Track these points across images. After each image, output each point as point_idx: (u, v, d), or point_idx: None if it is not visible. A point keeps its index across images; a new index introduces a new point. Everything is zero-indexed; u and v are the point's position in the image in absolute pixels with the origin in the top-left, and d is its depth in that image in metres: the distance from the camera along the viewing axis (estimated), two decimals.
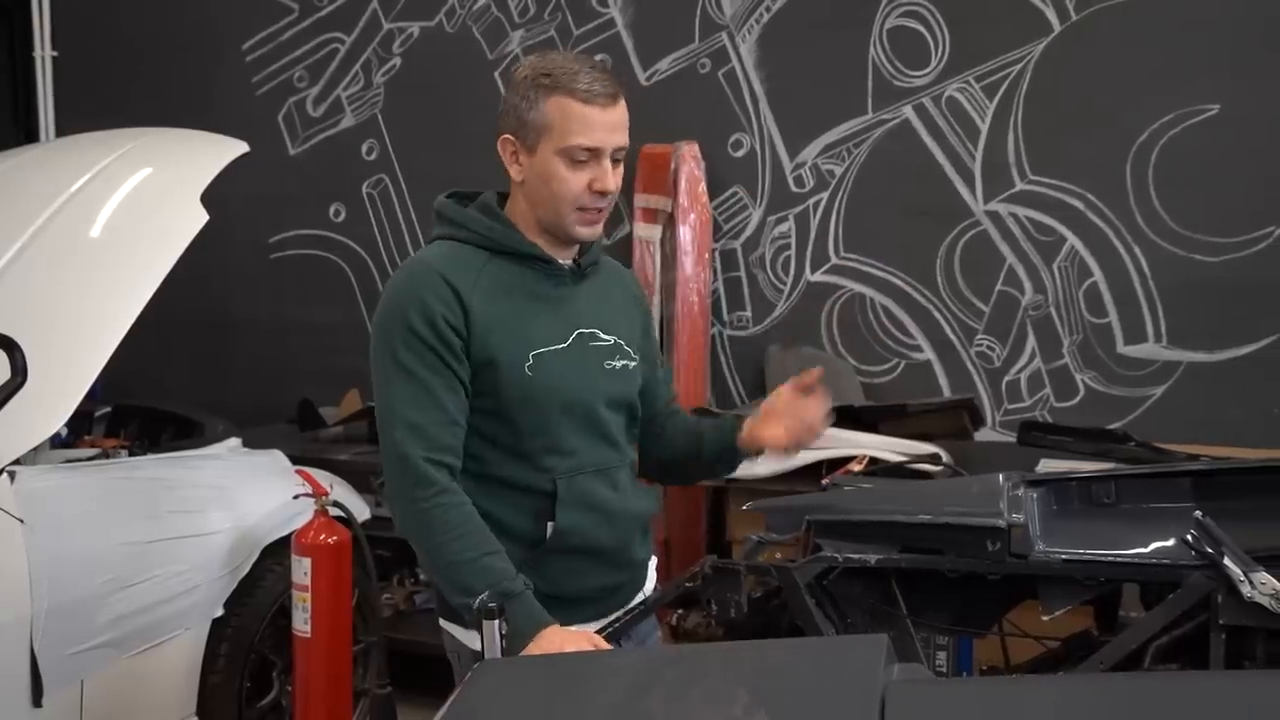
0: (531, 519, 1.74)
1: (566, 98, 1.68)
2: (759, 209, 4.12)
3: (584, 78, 1.69)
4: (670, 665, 1.24)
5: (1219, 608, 1.64)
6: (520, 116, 1.72)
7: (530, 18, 4.41)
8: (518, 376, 1.70)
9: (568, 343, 1.75)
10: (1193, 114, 3.56)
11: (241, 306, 4.92)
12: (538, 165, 1.72)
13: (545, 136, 1.70)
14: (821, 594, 1.96)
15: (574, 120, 1.68)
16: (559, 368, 1.73)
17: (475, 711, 1.26)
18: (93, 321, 2.71)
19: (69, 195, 2.92)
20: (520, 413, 1.72)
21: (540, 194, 1.73)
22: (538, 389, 1.71)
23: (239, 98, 4.88)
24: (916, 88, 3.88)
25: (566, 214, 1.73)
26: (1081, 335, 3.75)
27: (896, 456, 3.27)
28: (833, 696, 1.08)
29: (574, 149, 1.69)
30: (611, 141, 1.71)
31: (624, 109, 1.74)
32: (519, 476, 1.74)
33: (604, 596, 1.84)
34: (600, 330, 1.80)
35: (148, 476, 2.81)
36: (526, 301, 1.74)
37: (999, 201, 3.82)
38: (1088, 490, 1.99)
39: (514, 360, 1.70)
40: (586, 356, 1.78)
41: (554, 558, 1.75)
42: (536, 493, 1.74)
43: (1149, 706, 1.04)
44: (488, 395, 1.71)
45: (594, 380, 1.78)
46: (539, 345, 1.72)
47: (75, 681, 2.50)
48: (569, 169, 1.70)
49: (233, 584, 2.88)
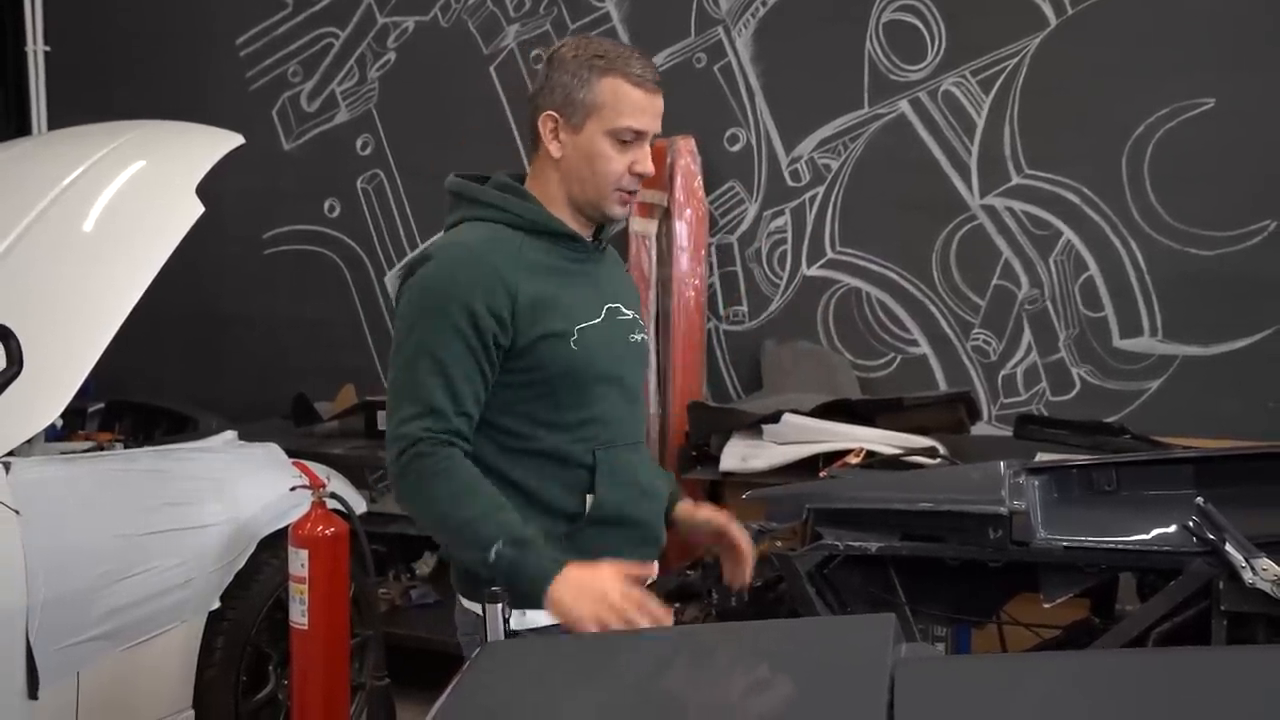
0: (571, 492, 1.76)
1: (621, 79, 1.73)
2: (755, 203, 4.12)
3: (637, 63, 1.74)
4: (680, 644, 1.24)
5: (1220, 594, 1.64)
6: (569, 95, 1.74)
7: (525, 12, 4.40)
8: (563, 350, 1.73)
9: (601, 317, 1.80)
10: (1188, 108, 3.57)
11: (235, 303, 4.90)
12: (582, 143, 1.75)
13: (594, 115, 1.74)
14: (822, 583, 1.96)
15: (625, 102, 1.73)
16: (598, 342, 1.77)
17: (481, 692, 1.26)
18: (89, 313, 2.70)
19: (65, 186, 2.90)
20: (562, 386, 1.75)
21: (581, 172, 1.76)
22: (581, 362, 1.75)
23: (233, 93, 4.86)
24: (912, 82, 3.89)
25: (606, 193, 1.77)
26: (1078, 329, 3.75)
27: (893, 450, 3.27)
28: (842, 674, 1.07)
29: (623, 130, 1.73)
30: (654, 127, 1.77)
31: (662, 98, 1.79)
32: (559, 449, 1.76)
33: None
34: (623, 305, 1.86)
35: (143, 469, 2.80)
36: (564, 278, 1.78)
37: (995, 195, 3.82)
38: (1089, 478, 1.99)
39: (562, 335, 1.74)
40: (616, 330, 1.82)
41: (592, 530, 1.76)
42: (576, 465, 1.76)
43: (1158, 681, 1.04)
44: (535, 370, 1.73)
45: (624, 353, 1.84)
46: (581, 320, 1.76)
47: (71, 674, 2.49)
48: (614, 149, 1.74)
49: (229, 576, 2.87)
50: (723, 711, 1.06)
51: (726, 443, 3.51)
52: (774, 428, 3.42)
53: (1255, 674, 1.04)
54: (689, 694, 1.12)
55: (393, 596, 3.87)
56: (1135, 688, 1.03)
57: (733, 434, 3.53)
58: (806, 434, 3.38)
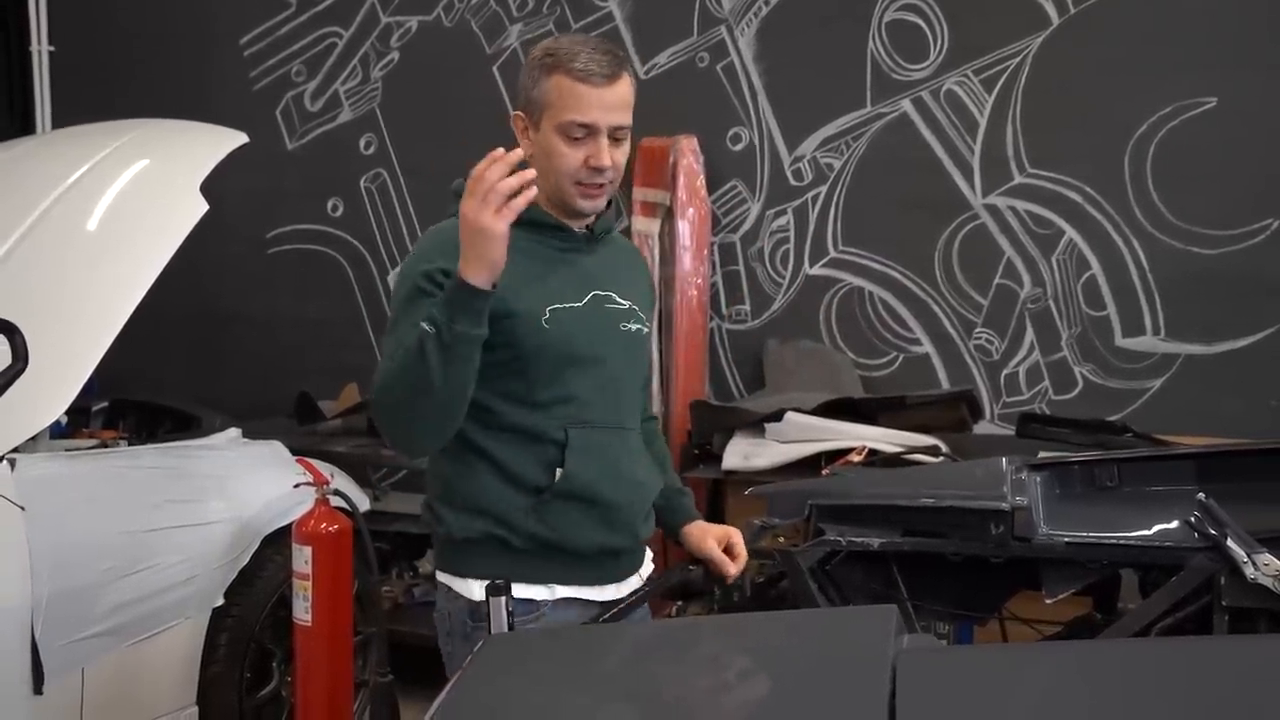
0: (541, 467, 1.79)
1: (564, 76, 1.75)
2: (757, 203, 4.12)
3: (582, 58, 1.75)
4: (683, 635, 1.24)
5: (1222, 589, 1.64)
6: (528, 94, 1.81)
7: (529, 11, 4.41)
8: (535, 328, 1.77)
9: (583, 302, 1.83)
10: (1191, 107, 3.58)
11: (239, 302, 4.91)
12: (541, 141, 1.80)
13: (547, 113, 1.78)
14: (824, 578, 1.96)
15: (569, 97, 1.75)
16: (575, 324, 1.80)
17: (484, 685, 1.26)
18: (93, 310, 2.70)
19: (69, 185, 2.91)
20: (536, 364, 1.78)
21: (543, 168, 1.79)
22: (554, 342, 1.78)
23: (236, 92, 4.87)
24: (915, 81, 3.89)
25: (567, 187, 1.80)
26: (1080, 328, 3.75)
27: (895, 448, 3.28)
28: (844, 665, 1.08)
29: (569, 125, 1.76)
30: (607, 120, 1.76)
31: (624, 89, 1.79)
32: (532, 425, 1.79)
33: (602, 559, 1.85)
34: (616, 294, 1.88)
35: (148, 465, 2.81)
36: (542, 262, 1.82)
37: (997, 195, 3.83)
38: (1090, 474, 1.99)
39: (531, 313, 1.77)
40: (602, 316, 1.85)
41: (558, 503, 1.79)
42: (548, 441, 1.79)
43: (1160, 669, 1.04)
44: (506, 347, 1.76)
45: (610, 339, 1.86)
46: (555, 301, 1.79)
47: (76, 669, 2.49)
48: (566, 145, 1.77)
49: (233, 573, 2.87)
50: (725, 701, 1.07)
51: (729, 441, 3.52)
52: (776, 426, 3.43)
53: (1256, 662, 1.05)
54: (692, 684, 1.13)
55: (395, 594, 3.87)
56: (1137, 677, 1.03)
57: (735, 432, 3.54)
58: (809, 432, 3.38)
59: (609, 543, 1.84)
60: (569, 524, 1.79)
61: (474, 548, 1.80)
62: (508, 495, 1.79)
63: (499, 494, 1.79)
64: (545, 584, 1.80)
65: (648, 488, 1.93)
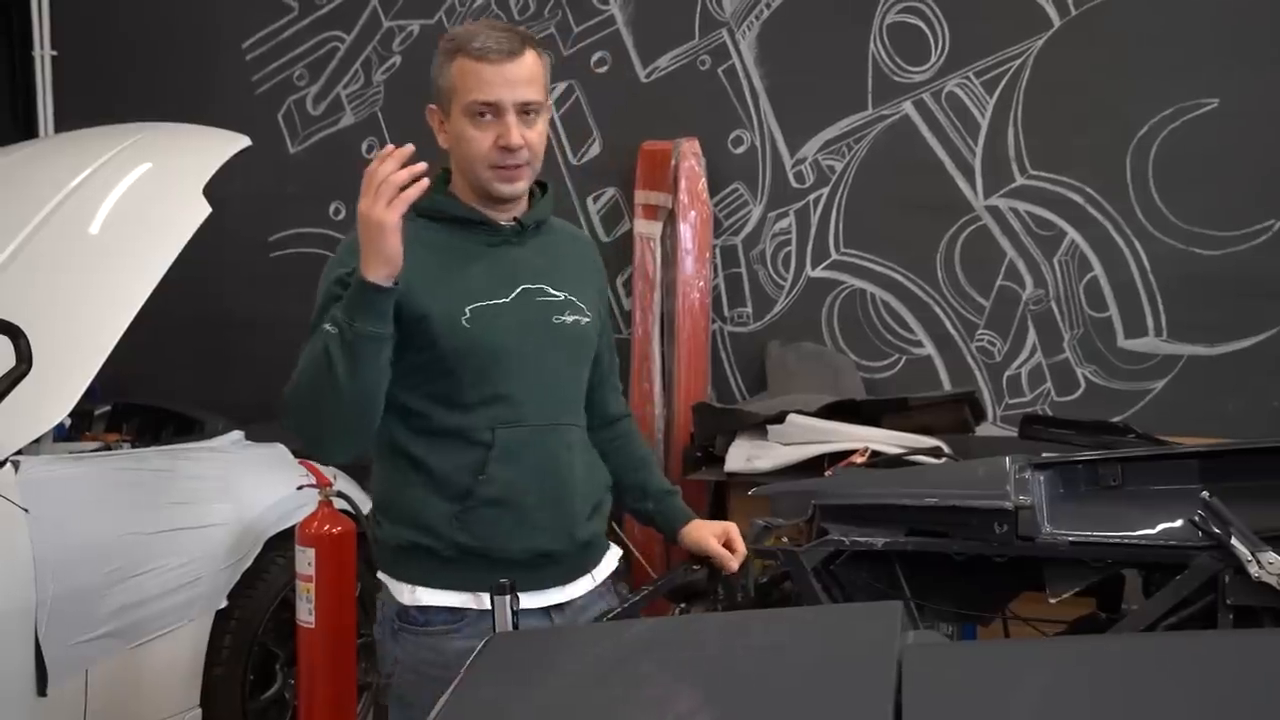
0: (466, 471, 1.76)
1: (463, 57, 1.74)
2: (759, 205, 4.12)
3: (480, 37, 1.74)
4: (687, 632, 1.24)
5: (1227, 588, 1.64)
6: (436, 84, 1.79)
7: (530, 15, 4.41)
8: (454, 328, 1.74)
9: (510, 298, 1.79)
10: (1192, 108, 3.58)
11: (241, 306, 4.91)
12: (453, 128, 1.78)
13: (453, 99, 1.76)
14: (828, 578, 1.96)
15: (469, 77, 1.73)
16: (500, 321, 1.77)
17: (487, 685, 1.26)
18: (97, 312, 2.71)
19: (73, 187, 2.92)
20: (460, 365, 1.75)
21: (459, 156, 1.79)
22: (476, 341, 1.75)
23: (238, 96, 4.87)
24: (916, 83, 3.89)
25: (482, 172, 1.77)
26: (1082, 329, 3.76)
27: (898, 450, 3.28)
28: (850, 660, 1.08)
29: (473, 105, 1.73)
30: (512, 96, 1.73)
31: (529, 66, 1.75)
32: (461, 426, 1.76)
33: (538, 564, 1.80)
34: (549, 286, 1.83)
35: (151, 468, 2.81)
36: (463, 259, 1.78)
37: (999, 196, 3.83)
38: (1094, 473, 1.99)
39: (448, 313, 1.74)
40: (532, 310, 1.80)
41: (482, 509, 1.76)
42: (476, 444, 1.76)
43: (1165, 664, 1.04)
44: (425, 349, 1.74)
45: (541, 334, 1.81)
46: (477, 299, 1.76)
47: (80, 671, 2.49)
48: (474, 127, 1.74)
49: (236, 575, 2.88)
50: (730, 697, 1.07)
51: (731, 443, 3.51)
52: (779, 428, 3.43)
53: (1263, 655, 1.05)
54: (698, 680, 1.13)
55: None
56: (1144, 671, 1.03)
57: (737, 435, 3.54)
58: (811, 434, 3.38)
59: (542, 547, 1.79)
60: (495, 531, 1.75)
61: (404, 554, 1.79)
62: (433, 503, 1.75)
63: (424, 502, 1.76)
64: (472, 591, 1.75)
65: (587, 486, 1.87)
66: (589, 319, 1.87)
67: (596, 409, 1.99)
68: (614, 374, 2.05)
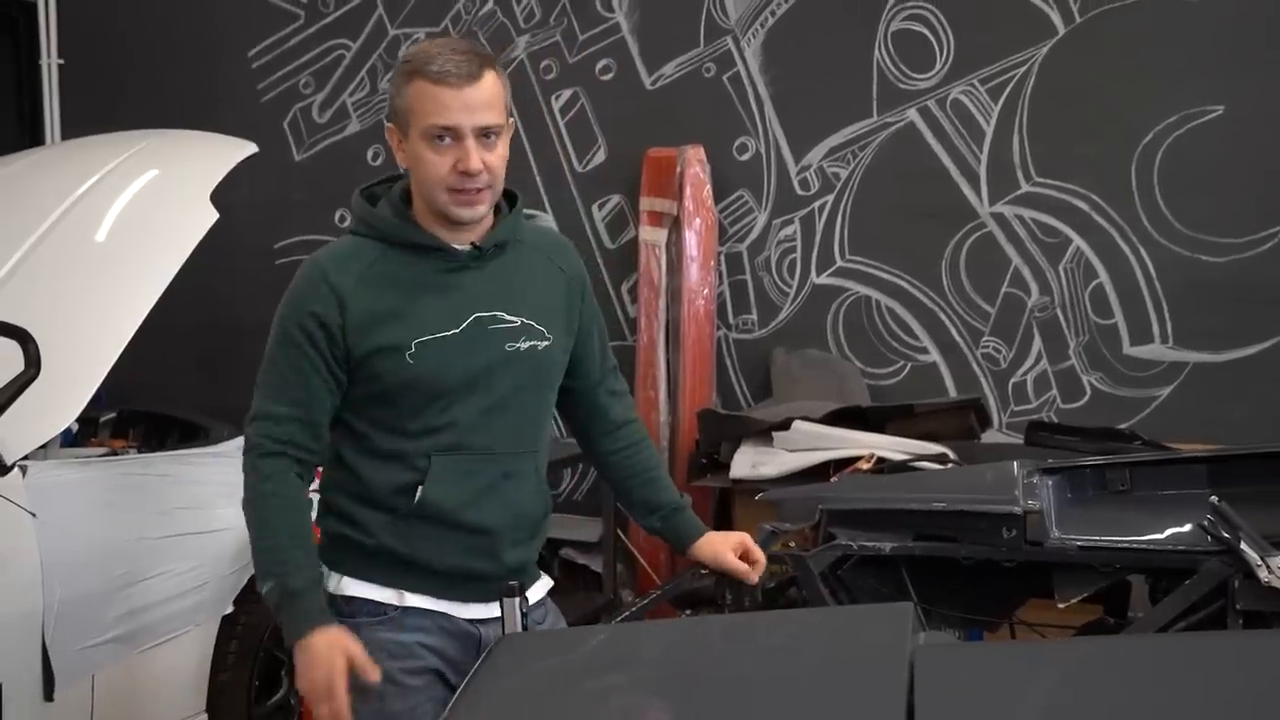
0: (401, 491, 1.78)
1: (421, 80, 1.71)
2: (764, 212, 4.13)
3: (439, 60, 1.71)
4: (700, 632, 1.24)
5: (1236, 593, 1.64)
6: (394, 105, 1.77)
7: (535, 23, 4.43)
8: (398, 364, 1.74)
9: (460, 328, 1.77)
10: (1198, 115, 3.58)
11: (246, 313, 4.88)
12: (411, 150, 1.76)
13: (411, 120, 1.73)
14: (835, 583, 1.96)
15: (428, 101, 1.71)
16: (446, 353, 1.76)
17: (498, 687, 1.26)
18: (105, 317, 2.71)
19: (80, 194, 2.92)
20: (403, 397, 1.76)
21: (417, 178, 1.77)
22: (420, 375, 1.74)
23: (244, 104, 4.89)
24: (921, 90, 3.90)
25: (439, 195, 1.75)
26: (1088, 336, 3.75)
27: (904, 456, 3.27)
28: (863, 661, 1.08)
29: (431, 128, 1.71)
30: (471, 121, 1.71)
31: (488, 88, 1.73)
32: (399, 450, 1.78)
33: (464, 580, 1.80)
34: (504, 312, 1.80)
35: (158, 473, 2.81)
36: (416, 290, 1.77)
37: (1004, 203, 3.83)
38: (1102, 477, 1.99)
39: (395, 348, 1.74)
40: (482, 340, 1.78)
41: (415, 522, 1.78)
42: (412, 468, 1.78)
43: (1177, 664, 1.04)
44: (372, 381, 1.76)
45: (492, 363, 1.78)
46: (425, 333, 1.75)
47: (87, 676, 2.49)
48: (432, 151, 1.72)
49: (242, 581, 2.87)
50: (743, 697, 1.06)
51: (736, 450, 3.52)
52: (784, 435, 3.43)
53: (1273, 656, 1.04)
54: (710, 679, 1.13)
55: None
56: (1154, 671, 1.03)
57: (743, 441, 3.54)
58: (817, 441, 3.39)
59: (469, 566, 1.80)
60: (425, 543, 1.77)
61: (336, 543, 1.81)
62: (367, 511, 1.79)
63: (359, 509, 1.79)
64: (395, 589, 1.78)
65: (526, 512, 1.86)
66: (548, 342, 1.84)
67: (596, 415, 1.99)
68: (611, 378, 2.02)
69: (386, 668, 1.71)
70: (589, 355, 1.96)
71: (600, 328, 2.00)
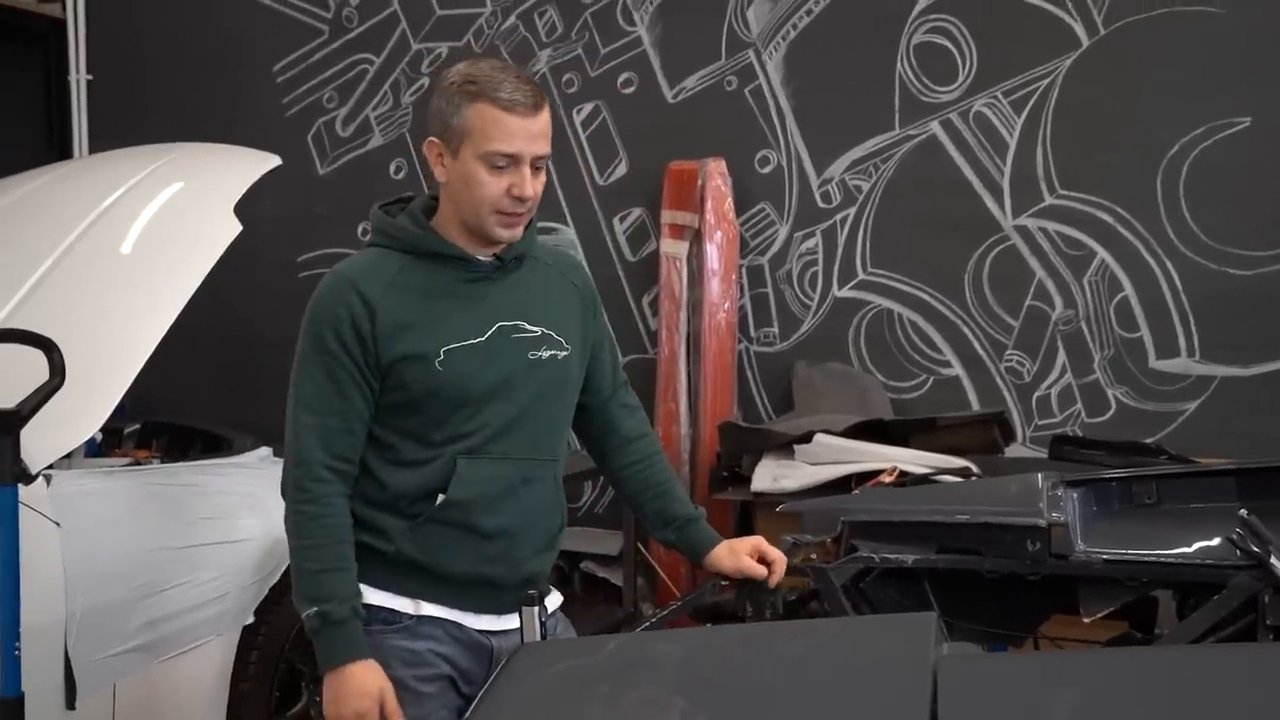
0: (425, 495, 1.79)
1: (489, 105, 1.74)
2: (786, 225, 4.12)
3: (507, 86, 1.75)
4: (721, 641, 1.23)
5: (1266, 608, 1.61)
6: (445, 121, 1.78)
7: (557, 37, 4.45)
8: (426, 371, 1.76)
9: (485, 337, 1.80)
10: (1224, 127, 3.56)
11: (268, 327, 4.93)
12: (460, 168, 1.77)
13: (467, 141, 1.75)
14: (857, 596, 1.94)
15: (493, 127, 1.73)
16: (472, 363, 1.78)
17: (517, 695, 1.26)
18: (128, 329, 2.73)
19: (106, 206, 2.94)
20: (429, 405, 1.77)
21: (462, 196, 1.79)
22: (448, 383, 1.77)
23: (268, 118, 4.93)
24: (944, 103, 3.89)
25: (486, 216, 1.78)
26: (1113, 350, 3.72)
27: (926, 470, 3.25)
28: (886, 670, 1.07)
29: (493, 154, 1.74)
30: (531, 150, 1.76)
31: (546, 120, 1.79)
32: (426, 458, 1.79)
33: (480, 588, 1.82)
34: (525, 322, 1.84)
35: (181, 483, 2.82)
36: (441, 299, 1.80)
37: (1028, 216, 3.81)
38: (1128, 490, 1.97)
39: (424, 356, 1.76)
40: (506, 349, 1.82)
41: (434, 527, 1.79)
42: (439, 474, 1.79)
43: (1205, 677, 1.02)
44: (399, 389, 1.77)
45: (515, 371, 1.82)
46: (451, 341, 1.78)
47: (108, 685, 2.49)
48: (489, 174, 1.75)
49: (263, 591, 2.87)
50: (764, 705, 1.05)
51: (758, 463, 3.50)
52: (806, 448, 3.41)
53: None
54: (732, 688, 1.12)
55: None
56: (1180, 684, 1.01)
57: (764, 454, 3.52)
58: (838, 454, 3.37)
59: (485, 573, 1.81)
60: (443, 548, 1.79)
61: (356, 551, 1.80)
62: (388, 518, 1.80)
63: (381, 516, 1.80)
64: (411, 598, 1.79)
65: (541, 523, 1.87)
66: (568, 352, 1.88)
67: (609, 430, 2.01)
68: (622, 392, 2.05)
69: (400, 675, 1.72)
70: (600, 370, 1.99)
71: (611, 343, 2.05)
